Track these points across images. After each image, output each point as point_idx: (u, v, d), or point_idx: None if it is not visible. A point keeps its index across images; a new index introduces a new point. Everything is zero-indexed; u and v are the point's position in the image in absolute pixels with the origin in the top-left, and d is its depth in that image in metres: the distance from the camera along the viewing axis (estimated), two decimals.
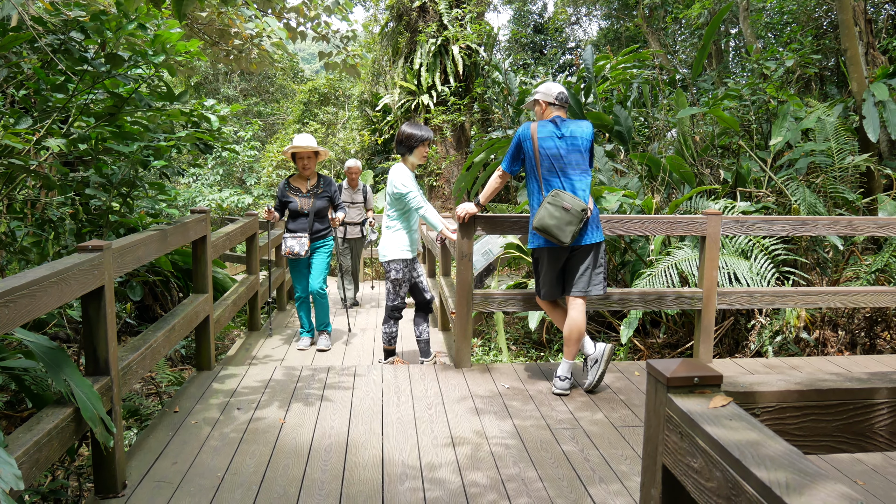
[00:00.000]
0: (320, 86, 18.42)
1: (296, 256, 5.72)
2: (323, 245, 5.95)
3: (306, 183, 5.91)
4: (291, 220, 5.85)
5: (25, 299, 2.39)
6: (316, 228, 5.88)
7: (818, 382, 1.51)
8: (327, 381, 4.66)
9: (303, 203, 5.81)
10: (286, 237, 5.76)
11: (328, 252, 5.98)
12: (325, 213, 5.93)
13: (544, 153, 4.14)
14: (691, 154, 7.27)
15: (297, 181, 5.93)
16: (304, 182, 5.91)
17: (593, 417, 3.99)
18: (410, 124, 4.99)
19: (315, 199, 5.84)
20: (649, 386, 1.53)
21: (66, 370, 2.68)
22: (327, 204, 5.92)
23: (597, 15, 22.37)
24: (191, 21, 6.55)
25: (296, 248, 5.70)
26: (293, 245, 5.71)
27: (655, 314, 6.21)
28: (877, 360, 5.13)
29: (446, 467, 3.34)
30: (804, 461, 1.15)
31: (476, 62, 12.55)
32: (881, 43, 10.47)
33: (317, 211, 5.83)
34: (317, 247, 5.92)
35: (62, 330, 4.81)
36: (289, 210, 5.84)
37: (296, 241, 5.71)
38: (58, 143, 3.74)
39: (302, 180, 5.92)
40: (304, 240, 5.71)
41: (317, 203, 5.84)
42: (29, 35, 3.64)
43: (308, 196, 5.84)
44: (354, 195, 8.54)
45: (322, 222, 5.93)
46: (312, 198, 5.84)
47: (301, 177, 5.92)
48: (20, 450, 2.32)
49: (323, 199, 5.88)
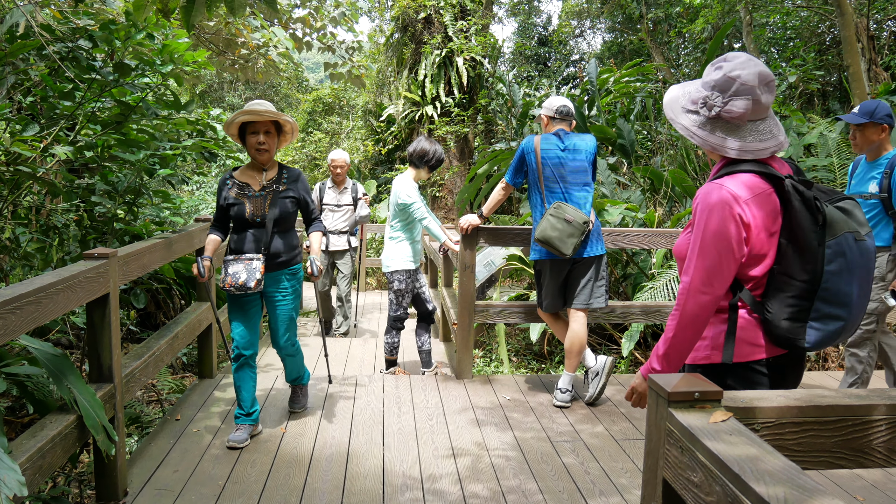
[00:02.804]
0: (325, 95, 18.47)
1: (242, 290, 3.61)
2: (289, 278, 3.87)
3: (260, 176, 3.82)
4: (236, 234, 3.80)
5: (32, 306, 2.40)
6: (276, 249, 3.77)
7: (817, 398, 1.52)
8: (328, 390, 4.66)
9: (254, 207, 3.73)
10: (228, 261, 3.69)
11: (296, 292, 3.93)
12: (290, 226, 3.89)
13: (547, 166, 4.17)
14: (694, 168, 7.30)
15: (245, 174, 3.84)
16: (256, 175, 3.83)
17: (594, 430, 3.99)
18: (431, 141, 5.05)
19: (274, 200, 3.76)
20: (650, 400, 1.55)
21: (69, 377, 2.70)
22: (293, 210, 3.84)
23: (601, 28, 22.49)
24: (199, 31, 6.61)
25: (242, 277, 3.60)
26: (238, 273, 3.62)
27: (657, 327, 6.21)
28: (876, 375, 5.12)
29: (447, 478, 3.35)
30: (803, 477, 1.16)
31: (480, 74, 12.61)
32: (883, 59, 10.51)
33: (277, 219, 3.76)
34: (277, 280, 3.83)
35: (65, 336, 4.83)
36: (233, 219, 3.79)
37: (242, 266, 3.64)
38: (64, 151, 3.77)
39: (254, 172, 3.84)
40: (257, 264, 3.64)
41: (277, 207, 3.75)
42: (37, 42, 3.68)
43: (262, 196, 3.76)
44: (341, 196, 6.85)
45: (286, 239, 3.83)
46: (269, 198, 3.76)
47: (253, 167, 3.85)
48: (24, 456, 2.34)
49: (286, 202, 3.79)
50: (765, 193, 1.84)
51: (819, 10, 12.18)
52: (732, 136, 1.89)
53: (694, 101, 1.95)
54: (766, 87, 1.87)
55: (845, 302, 1.83)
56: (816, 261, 1.80)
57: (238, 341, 3.78)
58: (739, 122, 1.88)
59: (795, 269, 1.84)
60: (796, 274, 1.83)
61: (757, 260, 1.87)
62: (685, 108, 1.97)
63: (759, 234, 1.84)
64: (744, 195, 1.82)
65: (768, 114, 1.92)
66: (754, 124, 1.89)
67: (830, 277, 1.80)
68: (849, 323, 1.86)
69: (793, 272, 1.84)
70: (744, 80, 1.85)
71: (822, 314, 1.83)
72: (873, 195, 3.86)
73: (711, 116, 1.90)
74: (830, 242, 1.79)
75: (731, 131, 1.89)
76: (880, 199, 3.83)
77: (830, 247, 1.79)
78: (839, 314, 1.83)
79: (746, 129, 1.89)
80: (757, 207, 1.83)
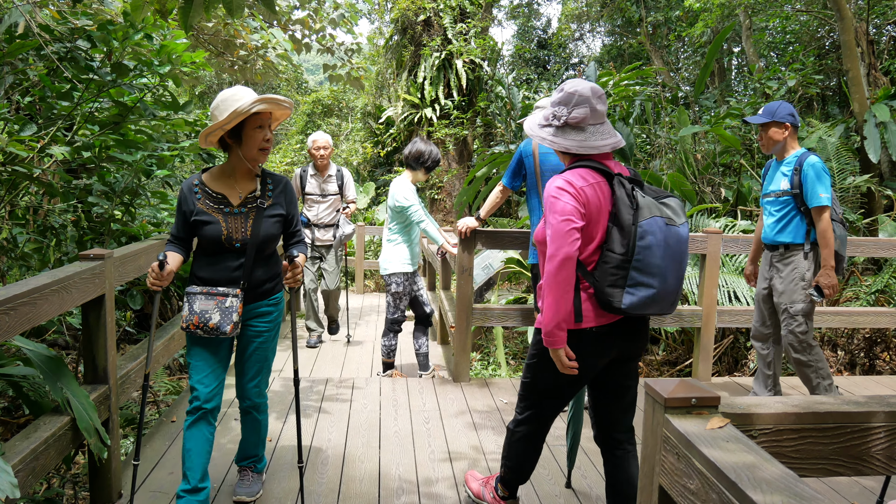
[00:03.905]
0: (324, 97, 18.48)
1: (211, 334, 2.80)
2: (270, 309, 3.01)
3: (242, 187, 2.92)
4: (206, 257, 2.90)
5: (26, 307, 2.39)
6: (258, 279, 2.94)
7: (815, 405, 1.51)
8: (325, 392, 4.65)
9: (231, 227, 2.84)
10: (194, 294, 2.82)
11: (276, 325, 3.07)
12: (274, 249, 3.02)
13: (546, 169, 4.16)
14: (692, 172, 7.30)
15: (221, 181, 2.91)
16: (236, 184, 2.91)
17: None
18: (426, 142, 5.02)
19: (258, 220, 2.88)
20: (647, 406, 1.54)
21: (63, 379, 2.68)
22: (279, 231, 2.98)
23: (600, 31, 22.51)
24: (197, 31, 6.60)
25: (213, 319, 2.78)
26: (208, 312, 2.79)
27: (655, 331, 6.20)
28: (876, 381, 5.12)
29: (443, 482, 3.33)
30: (800, 485, 1.15)
31: (479, 76, 12.61)
32: (883, 64, 10.52)
33: (262, 243, 2.89)
34: (255, 311, 2.97)
35: (61, 337, 4.81)
36: (201, 239, 2.88)
37: (213, 303, 2.80)
38: (62, 151, 3.76)
39: (233, 181, 2.91)
40: (233, 303, 2.81)
41: (261, 228, 2.88)
42: (35, 43, 3.67)
43: (244, 213, 2.87)
44: (325, 184, 6.09)
45: (269, 265, 2.99)
46: (252, 217, 2.88)
47: (233, 173, 2.92)
48: (17, 458, 2.32)
49: (272, 222, 2.92)
50: (598, 183, 2.38)
51: (818, 15, 12.19)
52: (579, 136, 2.44)
53: (546, 118, 2.51)
54: (598, 99, 2.45)
55: (655, 273, 2.30)
56: (630, 237, 2.30)
57: (199, 390, 2.86)
58: (582, 124, 2.45)
59: (615, 244, 2.32)
60: (616, 248, 2.32)
61: (590, 240, 2.37)
62: (541, 125, 2.53)
63: (591, 213, 2.34)
64: (581, 183, 2.36)
65: (604, 120, 2.49)
66: (594, 127, 2.46)
67: (642, 251, 2.28)
68: (660, 292, 2.32)
69: (613, 247, 2.33)
70: (580, 93, 2.44)
71: (635, 282, 2.30)
72: (785, 192, 3.97)
73: (560, 125, 2.46)
74: (642, 223, 2.29)
75: (578, 133, 2.45)
76: (792, 195, 3.94)
77: (642, 226, 2.28)
78: (650, 283, 2.30)
79: (588, 131, 2.45)
80: (591, 192, 2.36)
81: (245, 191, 2.91)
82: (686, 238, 2.38)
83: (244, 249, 2.86)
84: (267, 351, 3.06)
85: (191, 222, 2.85)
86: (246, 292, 2.90)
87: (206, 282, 2.87)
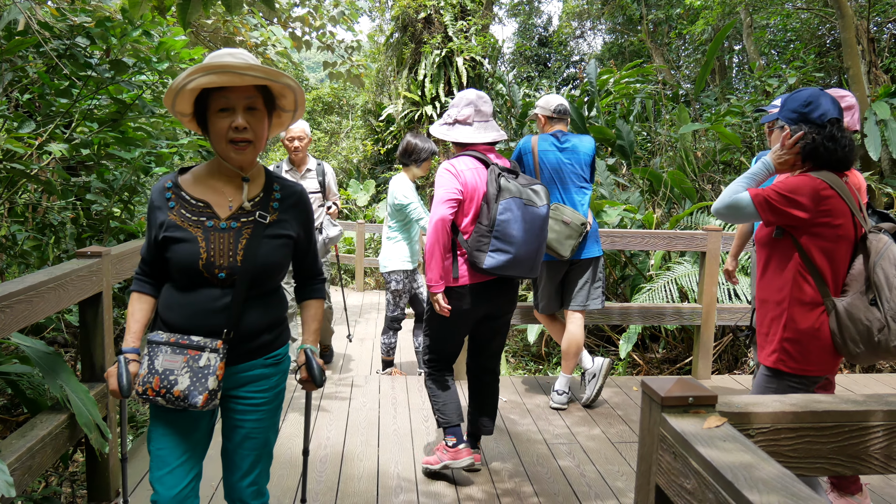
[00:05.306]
0: (324, 95, 18.46)
1: (176, 404, 1.91)
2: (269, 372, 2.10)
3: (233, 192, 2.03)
4: (177, 291, 2.00)
5: (22, 305, 2.39)
6: (251, 326, 2.02)
7: (813, 404, 1.51)
8: (324, 390, 4.64)
9: (214, 249, 1.94)
10: (156, 344, 1.94)
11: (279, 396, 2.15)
12: (277, 284, 2.11)
13: (545, 166, 4.14)
14: (693, 169, 7.29)
15: (204, 184, 2.04)
16: (225, 188, 2.03)
17: (590, 433, 3.97)
18: (417, 136, 4.96)
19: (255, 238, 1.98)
20: (644, 404, 1.53)
21: (62, 375, 2.68)
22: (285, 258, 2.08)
23: (601, 29, 22.48)
24: (196, 29, 6.59)
25: (180, 384, 1.89)
26: (174, 372, 1.90)
27: (655, 329, 6.19)
28: (876, 379, 5.11)
29: (442, 481, 3.33)
30: (797, 485, 1.14)
31: (480, 74, 12.59)
32: (883, 62, 10.50)
33: (258, 273, 1.99)
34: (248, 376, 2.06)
35: (60, 334, 4.81)
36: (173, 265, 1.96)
37: (181, 360, 1.91)
38: (60, 148, 3.75)
39: (221, 183, 2.03)
40: (211, 360, 1.92)
41: (259, 253, 1.98)
42: (35, 40, 3.66)
43: (234, 229, 1.98)
44: (303, 181, 5.06)
45: (269, 307, 2.08)
46: (247, 235, 1.98)
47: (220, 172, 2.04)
48: (13, 456, 2.31)
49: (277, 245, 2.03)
50: (477, 169, 3.11)
51: (819, 13, 12.17)
52: (466, 131, 3.19)
53: (443, 119, 3.29)
54: (482, 101, 3.21)
55: (512, 241, 2.97)
56: (492, 211, 2.97)
57: (160, 494, 2.03)
58: (469, 121, 3.20)
59: (483, 217, 3.02)
60: (483, 220, 3.02)
61: (466, 214, 3.08)
62: (440, 125, 3.28)
63: (468, 192, 3.05)
64: (462, 167, 3.09)
65: (489, 119, 3.22)
66: (480, 124, 3.20)
67: (501, 223, 2.96)
68: (516, 257, 2.98)
69: (482, 220, 3.03)
70: (467, 97, 3.22)
71: (496, 248, 2.98)
72: None
73: (451, 122, 3.24)
74: (502, 201, 2.98)
75: (466, 128, 3.20)
76: None
77: (502, 204, 2.98)
78: (507, 249, 2.97)
79: (474, 127, 3.20)
80: (470, 175, 3.08)
81: (238, 199, 2.01)
82: (544, 216, 3.05)
83: (231, 281, 1.95)
84: (267, 432, 2.14)
85: (159, 240, 1.97)
86: (232, 346, 1.98)
87: (174, 328, 1.97)
